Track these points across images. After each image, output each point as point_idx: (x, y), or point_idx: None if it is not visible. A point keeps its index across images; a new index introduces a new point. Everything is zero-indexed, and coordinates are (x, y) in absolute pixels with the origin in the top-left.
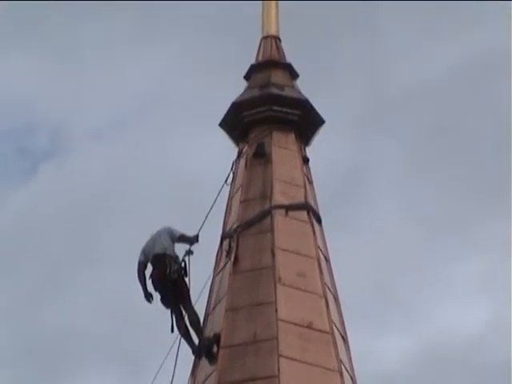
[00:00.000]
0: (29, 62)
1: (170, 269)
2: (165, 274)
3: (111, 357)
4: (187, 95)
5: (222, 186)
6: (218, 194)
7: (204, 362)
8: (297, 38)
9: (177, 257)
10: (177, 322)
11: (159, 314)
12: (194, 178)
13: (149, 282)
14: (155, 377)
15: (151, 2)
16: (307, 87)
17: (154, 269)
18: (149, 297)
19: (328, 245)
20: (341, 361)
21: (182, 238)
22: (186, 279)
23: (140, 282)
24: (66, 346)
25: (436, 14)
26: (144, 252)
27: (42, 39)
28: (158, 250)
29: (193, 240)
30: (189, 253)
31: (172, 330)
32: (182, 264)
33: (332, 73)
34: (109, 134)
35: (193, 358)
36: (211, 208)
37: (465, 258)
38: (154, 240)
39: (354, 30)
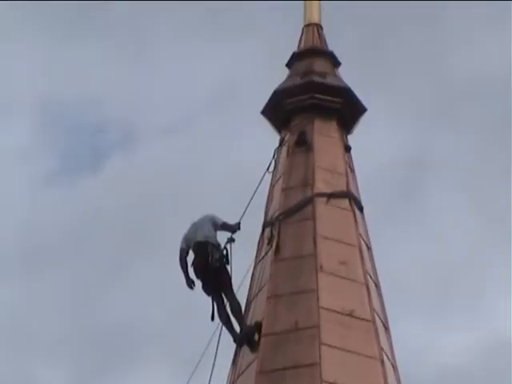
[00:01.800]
0: (97, 59)
1: (212, 257)
2: (207, 262)
3: (167, 349)
4: (248, 88)
5: (264, 173)
6: (260, 182)
7: (245, 350)
8: (345, 26)
9: (219, 245)
10: (218, 310)
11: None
12: (237, 167)
13: (191, 270)
14: (197, 366)
15: None
16: (360, 77)
17: (195, 256)
18: (190, 283)
19: (390, 237)
20: (382, 349)
21: (224, 226)
22: (228, 267)
23: (182, 268)
24: (123, 339)
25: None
26: (186, 239)
27: (108, 35)
28: (200, 237)
29: (234, 228)
30: (230, 240)
31: (212, 319)
32: (224, 252)
33: (389, 64)
34: (177, 128)
35: (234, 346)
36: (253, 196)
37: None
38: (196, 228)
39: (413, 20)
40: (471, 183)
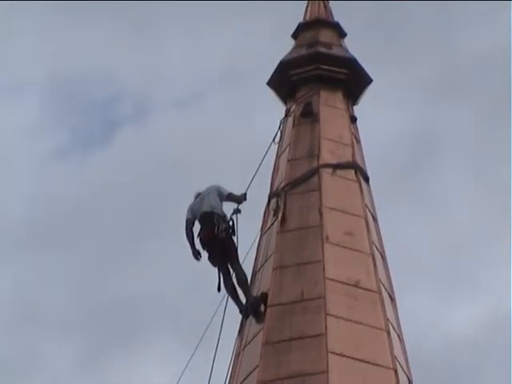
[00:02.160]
0: (109, 34)
1: (218, 227)
2: (213, 233)
3: (176, 322)
4: (257, 61)
5: (270, 144)
6: (266, 153)
7: (251, 320)
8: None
9: (225, 215)
10: (224, 280)
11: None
12: (248, 139)
13: (197, 241)
14: (202, 336)
15: None
16: (368, 50)
17: (201, 227)
18: (197, 254)
19: (397, 210)
20: (388, 320)
21: (230, 197)
22: (234, 238)
23: (188, 239)
24: (132, 314)
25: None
26: (192, 210)
27: (120, 10)
28: (206, 208)
29: (240, 199)
30: (236, 211)
31: (219, 289)
32: (230, 223)
33: (397, 39)
34: (188, 102)
35: (240, 316)
36: (258, 167)
37: None
38: (202, 198)
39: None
40: (476, 158)
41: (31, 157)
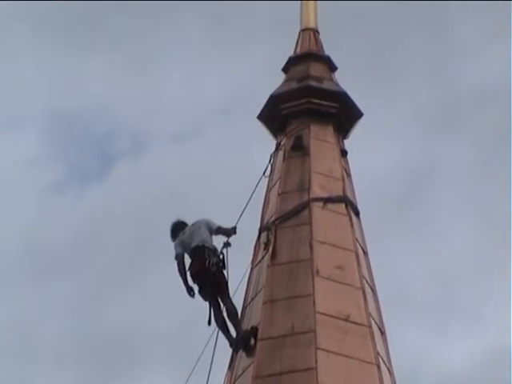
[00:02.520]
0: (105, 69)
1: (209, 261)
2: (204, 267)
3: (169, 355)
4: (251, 95)
5: (260, 178)
6: (256, 187)
7: (242, 354)
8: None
9: (215, 249)
10: (215, 314)
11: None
12: (239, 171)
13: (189, 276)
14: (193, 369)
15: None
16: (361, 83)
17: (192, 261)
18: (190, 291)
19: (392, 244)
20: (378, 353)
21: (220, 230)
22: (225, 272)
23: (181, 275)
24: (129, 344)
25: (505, 13)
26: (182, 244)
27: (116, 45)
28: (197, 242)
29: (230, 232)
30: (227, 245)
31: (209, 323)
32: (221, 256)
33: (391, 70)
34: (184, 136)
35: (230, 350)
36: (249, 200)
37: None
38: (191, 233)
39: (416, 25)
40: (474, 192)
41: (29, 190)
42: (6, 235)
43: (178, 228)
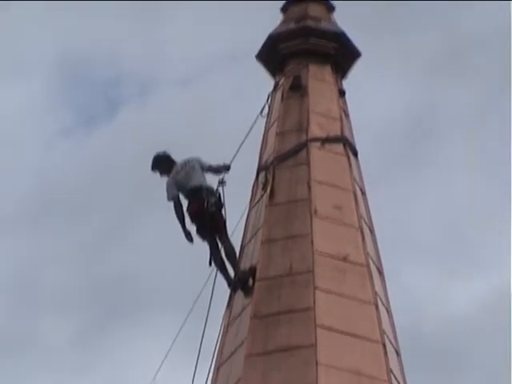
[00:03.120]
0: (112, 13)
1: (208, 202)
2: (203, 208)
3: (171, 297)
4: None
5: (257, 117)
6: (252, 126)
7: (240, 294)
8: None
9: (212, 189)
10: (213, 254)
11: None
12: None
13: (187, 220)
14: (191, 310)
15: None
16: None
17: (190, 202)
18: (189, 236)
19: (396, 187)
20: (376, 293)
21: (211, 168)
22: (223, 211)
23: (178, 218)
24: (130, 289)
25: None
26: (177, 185)
27: None
28: (194, 183)
29: (221, 169)
30: (222, 183)
31: (210, 264)
32: (217, 195)
33: (392, 11)
34: (190, 81)
35: (229, 290)
36: (244, 139)
37: None
38: (187, 172)
39: None
40: (478, 133)
41: (37, 136)
42: (12, 180)
43: (162, 162)
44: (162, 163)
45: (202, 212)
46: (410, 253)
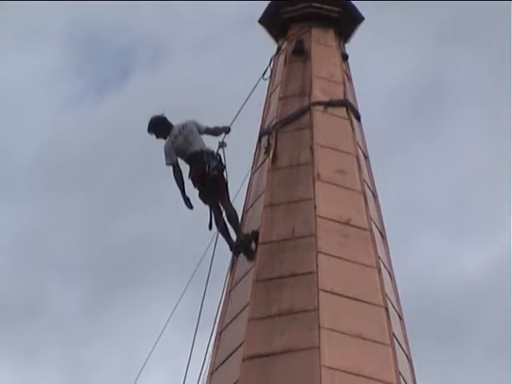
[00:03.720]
0: None
1: (209, 166)
2: (204, 172)
3: (179, 262)
4: None
5: (259, 80)
6: (254, 89)
7: (242, 258)
8: None
9: (213, 152)
10: (215, 218)
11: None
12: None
13: (187, 185)
14: (193, 275)
15: None
16: None
17: (191, 167)
18: (188, 202)
19: (409, 154)
20: (379, 257)
21: (209, 130)
22: (224, 174)
23: (178, 185)
24: (139, 254)
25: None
26: (176, 150)
27: None
28: (195, 147)
29: (221, 131)
30: (222, 144)
31: (210, 227)
32: (219, 158)
33: None
34: (204, 47)
35: (231, 254)
36: (245, 102)
37: None
38: (186, 137)
39: None
40: (487, 99)
41: (48, 102)
42: (24, 144)
43: (159, 124)
44: (159, 126)
45: (204, 176)
46: (419, 218)
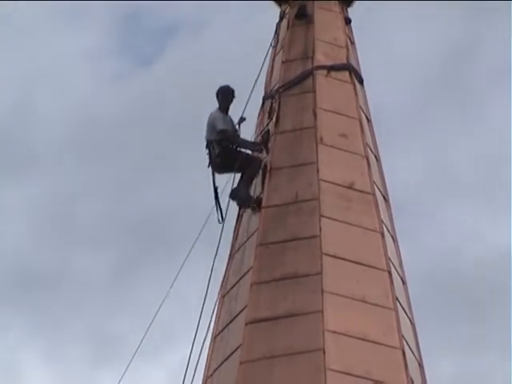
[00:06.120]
0: None
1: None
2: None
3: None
4: None
5: (268, 49)
6: (265, 59)
7: (247, 220)
8: None
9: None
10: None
11: None
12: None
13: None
14: (201, 230)
15: None
16: None
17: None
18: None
19: (437, 124)
20: (382, 221)
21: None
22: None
23: (243, 143)
24: (164, 226)
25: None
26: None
27: None
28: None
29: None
30: (241, 120)
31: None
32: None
33: None
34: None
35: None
36: (259, 73)
37: None
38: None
39: None
40: None
41: (92, 76)
42: (59, 120)
43: (226, 95)
44: (225, 97)
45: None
46: (449, 191)
